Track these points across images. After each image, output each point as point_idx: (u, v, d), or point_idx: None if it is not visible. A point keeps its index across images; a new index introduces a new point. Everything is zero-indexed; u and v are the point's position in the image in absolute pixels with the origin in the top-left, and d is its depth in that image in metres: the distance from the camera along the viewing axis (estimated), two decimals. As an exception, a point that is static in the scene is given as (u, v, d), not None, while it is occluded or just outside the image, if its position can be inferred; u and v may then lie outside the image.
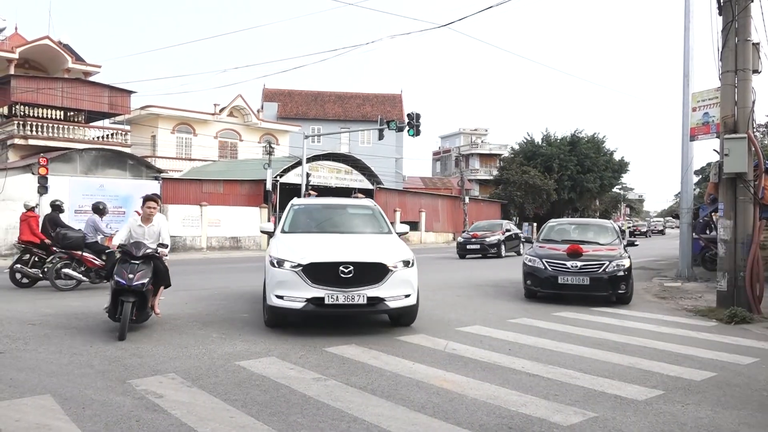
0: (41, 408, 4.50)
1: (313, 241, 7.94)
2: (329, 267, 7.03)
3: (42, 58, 32.45)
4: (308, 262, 7.05)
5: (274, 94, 52.10)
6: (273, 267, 7.29)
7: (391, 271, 7.14)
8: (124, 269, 7.02)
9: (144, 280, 7.02)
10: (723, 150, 9.62)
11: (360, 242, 7.96)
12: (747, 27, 9.51)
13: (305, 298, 6.98)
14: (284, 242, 7.88)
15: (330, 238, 8.11)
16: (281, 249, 7.56)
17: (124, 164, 26.31)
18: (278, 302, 7.14)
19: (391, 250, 7.59)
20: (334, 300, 6.94)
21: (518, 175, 49.42)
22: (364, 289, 6.99)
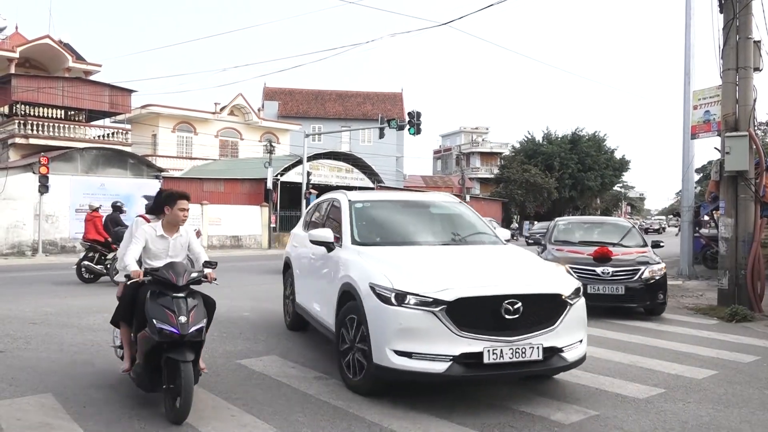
0: (42, 407, 4.50)
1: (426, 259, 5.37)
2: (487, 303, 4.54)
3: (42, 58, 32.44)
4: (456, 296, 4.47)
5: (274, 93, 52.08)
6: (381, 302, 4.66)
7: (568, 305, 4.81)
8: (167, 309, 4.34)
9: (202, 323, 4.44)
10: (724, 148, 9.61)
11: (496, 260, 5.53)
12: (748, 25, 9.49)
13: (451, 356, 4.42)
14: (378, 260, 5.20)
15: (445, 254, 5.62)
16: (383, 271, 4.87)
17: (124, 163, 26.30)
18: (403, 363, 4.49)
19: (549, 272, 5.26)
20: (497, 357, 4.45)
21: (519, 173, 49.36)
22: (535, 335, 4.58)
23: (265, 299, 10.90)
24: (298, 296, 7.15)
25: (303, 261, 7.11)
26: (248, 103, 41.28)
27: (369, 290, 4.77)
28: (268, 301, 10.64)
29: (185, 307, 4.39)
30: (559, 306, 4.76)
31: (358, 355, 4.91)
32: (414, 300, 4.54)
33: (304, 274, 7.01)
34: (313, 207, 7.97)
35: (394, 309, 4.56)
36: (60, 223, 23.40)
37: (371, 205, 6.51)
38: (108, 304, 9.61)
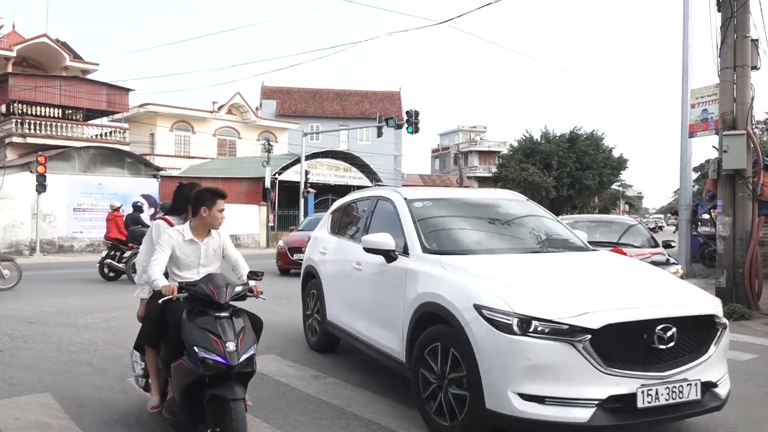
0: (40, 406, 4.50)
1: (534, 272, 4.39)
2: (637, 330, 3.61)
3: (40, 56, 32.38)
4: (603, 322, 3.51)
5: (272, 92, 52.04)
6: (496, 330, 3.59)
7: (721, 328, 3.97)
8: (210, 333, 3.48)
9: (253, 350, 3.61)
10: (722, 147, 9.62)
11: (617, 273, 4.54)
12: (746, 23, 9.50)
13: (596, 400, 3.47)
14: (474, 273, 4.11)
15: (551, 265, 4.69)
16: (491, 289, 3.81)
17: (122, 162, 26.26)
18: (531, 410, 3.51)
19: (686, 288, 4.28)
20: (653, 399, 3.53)
21: (517, 172, 49.39)
22: (689, 368, 3.70)
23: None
24: (331, 312, 6.04)
25: (339, 271, 6.01)
26: (246, 102, 41.25)
27: (475, 314, 3.69)
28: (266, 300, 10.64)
29: (232, 330, 3.53)
30: (711, 330, 3.89)
31: (452, 395, 3.86)
32: (545, 328, 3.50)
33: (342, 286, 5.87)
34: (341, 207, 6.78)
35: (518, 340, 3.49)
36: (58, 223, 23.37)
37: (433, 205, 5.36)
38: (105, 303, 9.62)
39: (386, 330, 4.80)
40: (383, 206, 5.56)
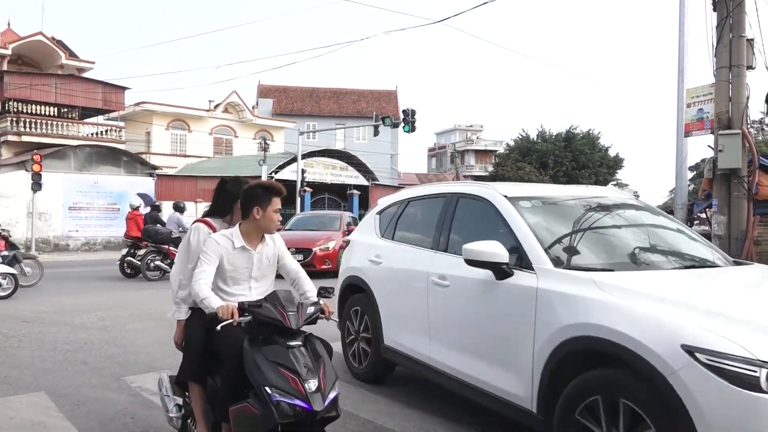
0: (36, 405, 4.49)
1: (721, 293, 3.48)
2: None
3: (35, 55, 32.27)
4: None
5: (269, 91, 51.97)
6: (732, 386, 2.49)
7: None
8: (285, 368, 2.80)
9: (337, 389, 2.98)
10: (717, 146, 9.64)
11: None
12: (741, 23, 9.52)
13: None
14: (655, 298, 3.05)
15: (725, 283, 3.75)
16: (699, 322, 2.75)
17: (118, 161, 26.20)
18: None
19: None
20: None
21: (513, 171, 49.47)
22: None
23: (259, 297, 10.90)
24: (392, 335, 4.91)
25: (406, 285, 4.84)
26: (242, 100, 41.19)
27: (687, 359, 2.61)
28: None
29: (310, 363, 2.81)
30: None
31: None
32: None
33: (412, 304, 4.69)
34: (395, 206, 5.56)
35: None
36: (53, 221, 23.31)
37: (542, 206, 4.24)
38: (101, 302, 9.61)
39: (499, 368, 3.72)
40: (469, 206, 4.53)
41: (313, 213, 22.10)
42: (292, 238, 13.61)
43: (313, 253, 13.75)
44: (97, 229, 24.44)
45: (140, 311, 8.75)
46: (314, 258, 13.63)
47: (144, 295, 10.57)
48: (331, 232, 14.93)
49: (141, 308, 9.02)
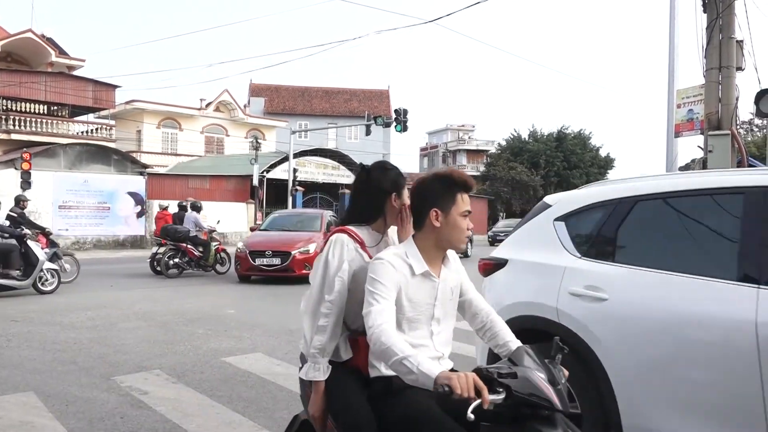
0: (24, 405, 4.46)
1: None
2: None
3: (25, 52, 32.00)
4: None
5: (260, 89, 51.85)
6: None
7: None
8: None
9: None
10: (707, 147, 9.72)
11: None
12: (731, 24, 9.60)
13: None
14: None
15: None
16: None
17: (108, 159, 26.05)
18: None
19: None
20: None
21: (505, 171, 49.62)
22: None
23: (249, 296, 10.88)
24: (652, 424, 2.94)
25: (701, 343, 2.80)
26: (234, 99, 41.07)
27: None
28: (253, 298, 10.62)
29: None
30: None
31: None
32: None
33: (726, 377, 2.72)
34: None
35: None
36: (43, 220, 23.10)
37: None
38: (90, 301, 9.56)
39: None
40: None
41: (291, 211, 20.14)
42: (268, 240, 13.06)
43: (292, 256, 12.41)
44: (87, 228, 24.29)
45: (130, 311, 8.71)
46: (293, 262, 12.38)
47: (133, 295, 10.53)
48: (311, 233, 13.67)
49: (131, 308, 8.98)
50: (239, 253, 13.05)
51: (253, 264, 12.63)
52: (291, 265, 12.42)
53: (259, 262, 12.57)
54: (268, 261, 12.56)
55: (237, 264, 13.29)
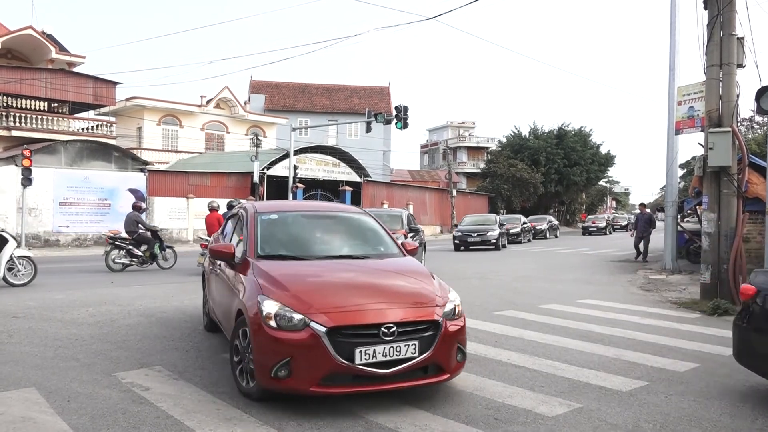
0: (26, 401, 4.47)
1: None
2: None
3: (25, 49, 31.98)
4: None
5: (261, 86, 51.80)
6: None
7: None
8: None
9: None
10: (707, 144, 9.71)
11: None
12: (732, 21, 9.58)
13: None
14: None
15: None
16: None
17: (109, 156, 26.06)
18: None
19: None
20: None
21: (505, 168, 49.60)
22: None
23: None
24: None
25: None
26: (234, 96, 41.04)
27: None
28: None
29: None
30: None
31: None
32: None
33: None
34: None
35: None
36: (43, 217, 23.17)
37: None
38: (91, 298, 9.57)
39: None
40: None
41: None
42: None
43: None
44: (88, 225, 24.32)
45: (131, 307, 8.73)
46: None
47: (134, 292, 10.54)
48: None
49: (131, 304, 8.99)
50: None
51: None
52: None
53: None
54: None
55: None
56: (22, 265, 11.22)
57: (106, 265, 13.96)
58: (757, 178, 11.92)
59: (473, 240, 24.38)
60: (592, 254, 22.04)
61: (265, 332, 4.30)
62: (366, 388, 4.29)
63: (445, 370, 4.58)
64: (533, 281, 13.01)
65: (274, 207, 6.35)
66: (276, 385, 4.25)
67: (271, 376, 4.21)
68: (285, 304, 4.37)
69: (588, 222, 44.15)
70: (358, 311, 4.40)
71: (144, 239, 14.47)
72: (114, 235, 14.41)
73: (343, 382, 4.24)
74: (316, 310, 4.31)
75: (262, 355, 4.31)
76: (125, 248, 14.19)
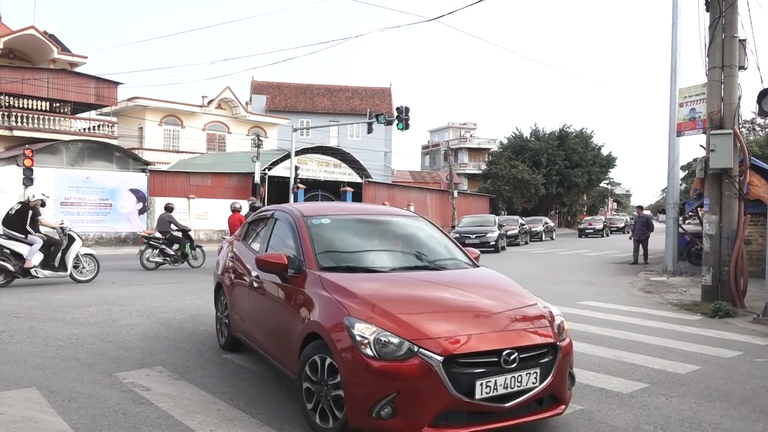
0: (27, 401, 4.47)
1: None
2: None
3: (27, 49, 32.02)
4: None
5: (262, 87, 51.83)
6: None
7: None
8: None
9: None
10: (709, 146, 9.70)
11: None
12: (734, 23, 9.58)
13: None
14: None
15: None
16: None
17: (110, 156, 26.08)
18: None
19: None
20: None
21: (507, 169, 49.57)
22: None
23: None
24: None
25: None
26: (236, 96, 41.08)
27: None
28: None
29: None
30: None
31: None
32: None
33: None
34: None
35: None
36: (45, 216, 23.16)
37: None
38: (92, 298, 9.58)
39: None
40: None
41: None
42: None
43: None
44: (89, 225, 24.33)
45: (131, 307, 8.73)
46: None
47: (135, 291, 10.54)
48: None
49: (132, 304, 8.99)
50: None
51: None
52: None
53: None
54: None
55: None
56: (86, 262, 11.88)
57: (141, 263, 14.48)
58: (759, 180, 11.92)
59: (471, 242, 23.48)
60: (593, 256, 22.04)
61: (363, 362, 3.55)
62: (485, 426, 3.62)
63: (560, 401, 3.98)
64: (534, 282, 12.99)
65: (319, 210, 5.48)
66: (377, 425, 3.53)
67: (372, 416, 3.51)
68: (383, 327, 3.65)
69: (584, 224, 43.06)
70: (472, 335, 3.72)
71: (176, 239, 14.95)
72: (148, 235, 15.00)
73: (458, 420, 3.57)
74: (423, 335, 3.61)
75: (358, 390, 3.58)
76: (159, 247, 14.69)
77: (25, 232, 11.11)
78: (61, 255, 11.47)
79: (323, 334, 3.86)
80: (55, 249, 11.45)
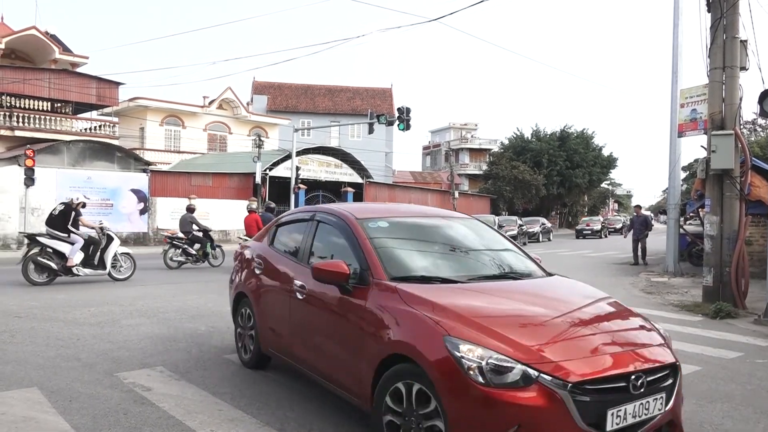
0: (28, 401, 4.47)
1: None
2: None
3: (29, 49, 32.05)
4: None
5: (263, 87, 51.86)
6: None
7: None
8: None
9: None
10: (710, 146, 9.70)
11: None
12: (735, 24, 9.57)
13: None
14: None
15: None
16: None
17: (112, 156, 26.09)
18: None
19: None
20: None
21: (508, 170, 49.57)
22: None
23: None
24: None
25: None
26: (237, 97, 41.11)
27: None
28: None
29: None
30: None
31: None
32: None
33: None
34: None
35: None
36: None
37: None
38: (93, 298, 9.59)
39: None
40: None
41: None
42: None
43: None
44: (90, 225, 24.33)
45: (132, 307, 8.74)
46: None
47: (135, 292, 10.55)
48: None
49: (133, 304, 9.00)
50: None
51: None
52: None
53: None
54: None
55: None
56: (123, 260, 12.26)
57: (164, 262, 14.88)
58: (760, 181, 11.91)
59: None
60: (594, 256, 22.02)
61: (472, 391, 3.01)
62: None
63: (676, 426, 3.49)
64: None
65: (371, 211, 4.79)
66: None
67: None
68: (493, 348, 3.09)
69: (582, 224, 42.47)
70: (594, 358, 3.19)
71: (197, 239, 15.36)
72: (172, 236, 15.35)
73: None
74: (542, 358, 3.07)
75: (466, 422, 3.03)
76: (181, 247, 15.13)
77: (68, 232, 11.54)
78: (100, 254, 11.88)
79: (415, 357, 3.27)
80: (94, 248, 11.92)
